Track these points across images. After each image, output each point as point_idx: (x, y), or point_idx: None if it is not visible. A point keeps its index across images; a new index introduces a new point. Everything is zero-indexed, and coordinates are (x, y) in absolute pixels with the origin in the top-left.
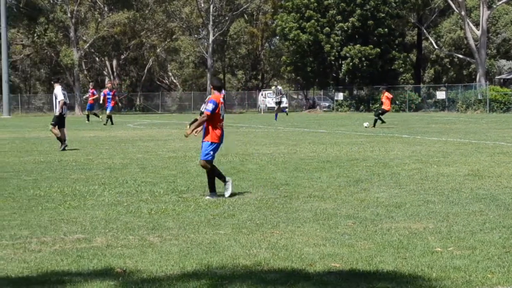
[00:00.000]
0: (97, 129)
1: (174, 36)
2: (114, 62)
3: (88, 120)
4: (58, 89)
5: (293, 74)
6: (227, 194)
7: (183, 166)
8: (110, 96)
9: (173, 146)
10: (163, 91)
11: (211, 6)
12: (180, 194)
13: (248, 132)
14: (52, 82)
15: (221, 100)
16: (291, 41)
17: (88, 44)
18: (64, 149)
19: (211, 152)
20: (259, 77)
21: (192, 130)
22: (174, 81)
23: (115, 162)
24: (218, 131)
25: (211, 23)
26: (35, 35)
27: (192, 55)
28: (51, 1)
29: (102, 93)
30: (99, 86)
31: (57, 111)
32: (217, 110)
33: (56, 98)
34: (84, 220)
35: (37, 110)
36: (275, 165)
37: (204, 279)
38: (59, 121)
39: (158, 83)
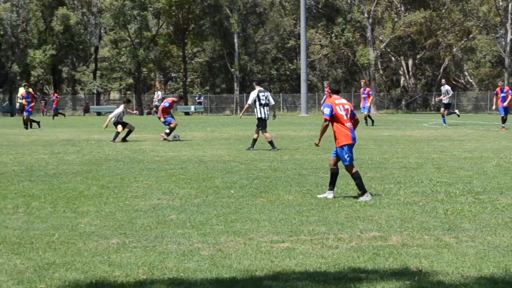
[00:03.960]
0: (392, 128)
1: (470, 35)
2: (410, 62)
3: None
4: (253, 92)
5: None
6: (362, 198)
7: (480, 167)
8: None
9: (469, 146)
10: (459, 90)
11: (510, 4)
12: (476, 195)
13: None
14: (254, 84)
15: (339, 102)
16: None
17: (384, 44)
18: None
19: (345, 156)
20: None
21: (320, 139)
22: (470, 80)
23: (410, 161)
24: (345, 132)
25: (509, 21)
26: (333, 35)
27: (489, 54)
28: (349, 2)
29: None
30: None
31: (257, 115)
32: (335, 112)
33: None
34: (380, 218)
35: None
36: None
37: (501, 282)
38: (262, 124)
39: (454, 82)
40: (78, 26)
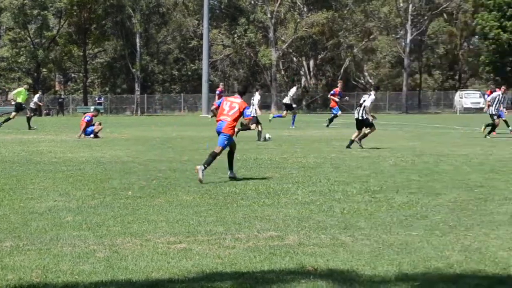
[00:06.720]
0: (286, 128)
1: (371, 36)
2: (311, 62)
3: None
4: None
5: (492, 74)
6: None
7: (377, 166)
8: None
9: (367, 145)
10: (359, 91)
11: (410, 6)
12: (373, 194)
13: (443, 133)
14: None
15: (231, 99)
16: (491, 40)
17: (286, 44)
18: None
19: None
20: (456, 77)
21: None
22: (370, 80)
23: (309, 161)
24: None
25: (409, 22)
26: (235, 35)
27: (389, 55)
28: (252, 2)
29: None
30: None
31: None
32: (220, 105)
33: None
34: (277, 218)
35: None
36: (470, 167)
37: (394, 280)
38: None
39: (354, 83)
40: None
